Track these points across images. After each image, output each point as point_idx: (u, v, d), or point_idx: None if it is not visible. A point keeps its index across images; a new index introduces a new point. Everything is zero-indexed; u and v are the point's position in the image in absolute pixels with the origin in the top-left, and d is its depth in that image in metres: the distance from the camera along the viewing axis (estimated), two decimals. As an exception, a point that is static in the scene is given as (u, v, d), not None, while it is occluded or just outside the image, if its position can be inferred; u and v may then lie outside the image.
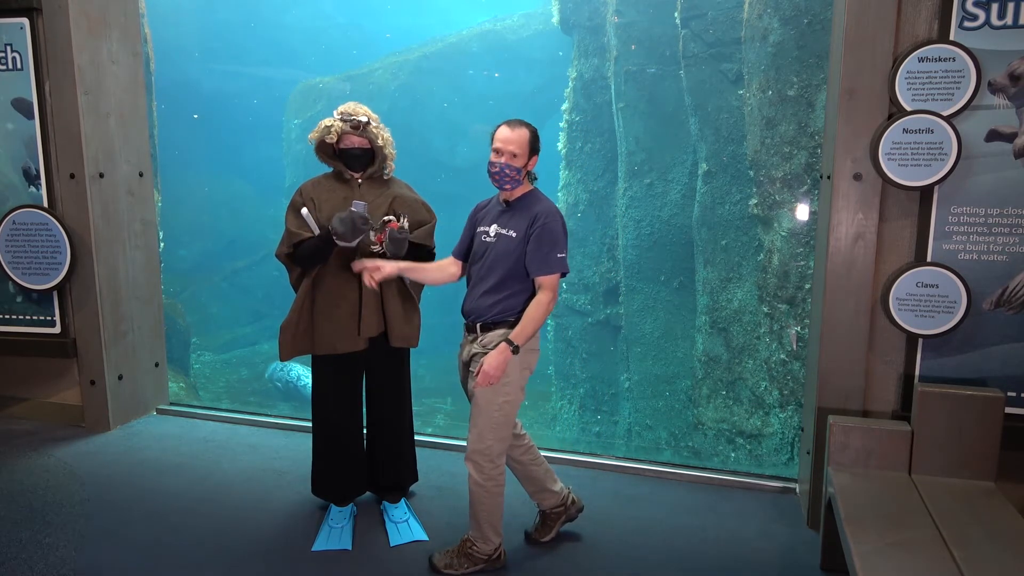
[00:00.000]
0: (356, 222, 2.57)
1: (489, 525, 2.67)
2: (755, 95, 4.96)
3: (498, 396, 2.55)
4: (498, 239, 2.57)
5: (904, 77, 2.65)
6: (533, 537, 2.91)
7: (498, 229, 2.58)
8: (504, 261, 2.53)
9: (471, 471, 2.63)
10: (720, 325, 5.47)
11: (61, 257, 3.83)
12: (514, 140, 2.47)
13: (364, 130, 2.80)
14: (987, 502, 2.43)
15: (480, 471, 2.62)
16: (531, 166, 2.55)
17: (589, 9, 6.56)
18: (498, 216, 2.61)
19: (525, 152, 2.49)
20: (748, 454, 5.26)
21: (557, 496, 2.91)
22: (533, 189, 2.62)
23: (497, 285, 2.55)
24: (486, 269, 2.58)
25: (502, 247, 2.54)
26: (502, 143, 2.47)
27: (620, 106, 6.15)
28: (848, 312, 2.85)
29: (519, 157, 2.48)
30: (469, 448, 2.63)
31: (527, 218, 2.52)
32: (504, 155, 2.47)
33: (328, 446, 3.01)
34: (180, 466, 3.60)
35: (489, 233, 2.60)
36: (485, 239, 2.62)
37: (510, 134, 2.48)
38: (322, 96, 9.60)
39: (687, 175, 5.95)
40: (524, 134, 2.49)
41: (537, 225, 2.49)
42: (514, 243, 2.52)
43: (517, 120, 2.53)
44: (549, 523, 2.93)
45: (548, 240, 2.48)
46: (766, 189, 4.95)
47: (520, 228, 2.52)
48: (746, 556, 2.82)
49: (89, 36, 3.79)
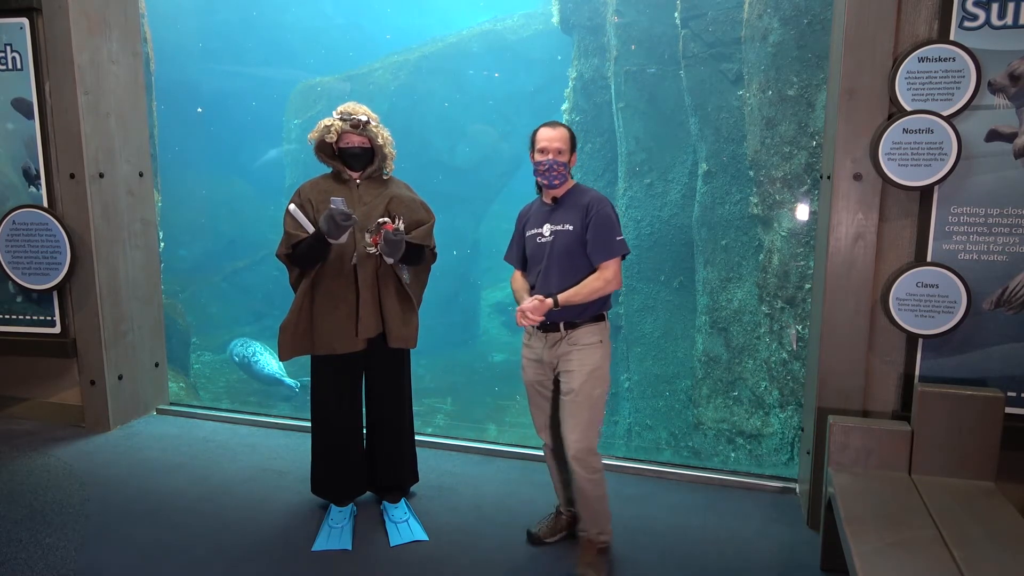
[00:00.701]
0: (336, 218, 2.57)
1: (606, 514, 2.68)
2: (755, 95, 4.96)
3: (596, 389, 2.59)
4: (555, 236, 2.61)
5: (904, 77, 2.65)
6: (538, 536, 2.89)
7: (552, 227, 2.62)
8: (568, 256, 2.59)
9: (579, 470, 2.59)
10: (720, 325, 5.47)
11: (61, 257, 3.84)
12: (558, 137, 2.58)
13: (364, 129, 2.80)
14: (987, 502, 2.43)
15: (588, 467, 2.60)
16: (573, 163, 2.65)
17: (589, 9, 6.56)
18: (548, 215, 2.66)
19: (568, 148, 2.60)
20: (748, 454, 5.26)
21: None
22: (577, 183, 2.70)
23: (566, 282, 2.58)
24: (551, 268, 2.61)
25: (562, 242, 2.59)
26: (547, 141, 2.57)
27: (620, 106, 6.15)
28: (848, 312, 2.85)
29: (563, 153, 2.58)
30: (574, 449, 2.59)
31: (580, 209, 2.59)
32: (550, 152, 2.56)
33: (328, 446, 3.01)
34: (180, 466, 3.60)
35: (543, 233, 2.64)
36: (540, 240, 2.65)
37: (553, 132, 2.59)
38: (322, 96, 9.60)
39: (687, 175, 5.95)
40: (565, 132, 2.61)
41: (592, 213, 2.56)
42: (574, 236, 2.58)
43: (554, 121, 2.66)
44: (561, 526, 2.92)
45: (605, 225, 2.56)
46: (766, 189, 4.95)
47: (576, 220, 2.58)
48: (746, 556, 2.82)
49: (89, 36, 3.79)
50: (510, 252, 2.85)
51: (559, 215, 2.62)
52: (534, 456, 3.71)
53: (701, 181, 5.62)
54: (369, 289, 2.79)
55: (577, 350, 2.60)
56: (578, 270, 2.58)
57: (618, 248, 2.57)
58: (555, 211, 2.64)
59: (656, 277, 6.11)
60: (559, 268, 2.59)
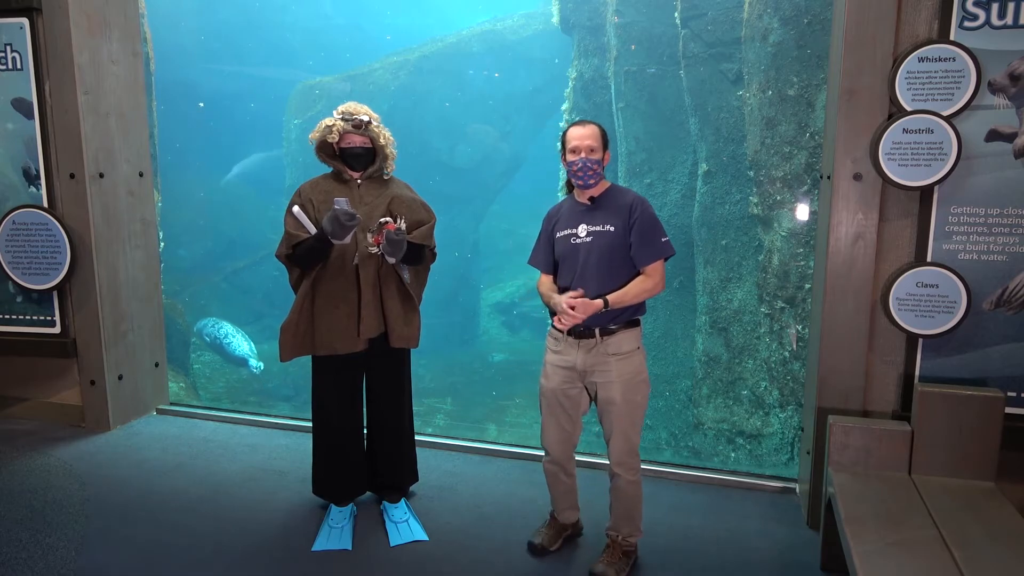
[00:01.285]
0: (340, 219, 2.56)
1: (640, 514, 2.68)
2: (755, 95, 4.96)
3: (638, 395, 2.56)
4: (594, 237, 2.52)
5: (904, 77, 2.65)
6: (542, 546, 2.83)
7: (589, 227, 2.54)
8: (609, 258, 2.51)
9: (623, 474, 2.59)
10: (720, 325, 5.46)
11: (61, 257, 3.84)
12: (588, 135, 2.51)
13: (366, 129, 2.80)
14: (987, 502, 2.43)
15: (631, 470, 2.59)
16: (606, 160, 2.58)
17: (589, 9, 6.56)
18: (583, 215, 2.58)
19: (600, 145, 2.53)
20: (748, 454, 5.26)
21: (577, 512, 2.91)
22: (612, 183, 2.65)
23: (606, 284, 2.51)
24: (588, 269, 2.53)
25: (602, 243, 2.51)
26: (578, 140, 2.51)
27: (620, 106, 6.15)
28: (848, 312, 2.85)
29: (596, 151, 2.51)
30: (616, 457, 2.58)
31: (622, 209, 2.53)
32: (582, 151, 2.50)
33: (328, 447, 3.01)
34: (180, 466, 3.60)
35: (578, 234, 2.56)
36: (574, 241, 2.56)
37: (584, 130, 2.52)
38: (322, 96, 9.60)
39: (687, 175, 5.95)
40: (596, 129, 2.55)
41: (636, 214, 2.51)
42: (616, 237, 2.50)
43: (583, 119, 2.61)
44: (557, 534, 2.89)
45: (650, 226, 2.51)
46: (766, 189, 4.95)
47: (617, 221, 2.51)
48: (746, 556, 2.82)
49: (89, 36, 3.79)
50: (536, 255, 2.75)
51: (598, 216, 2.54)
52: (534, 456, 3.71)
53: (701, 181, 5.62)
54: (371, 289, 2.79)
55: (616, 360, 2.52)
56: (618, 272, 2.51)
57: (665, 249, 2.52)
58: (592, 211, 2.57)
59: (656, 277, 6.10)
60: (598, 270, 2.51)
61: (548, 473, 2.81)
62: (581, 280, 2.54)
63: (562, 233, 2.62)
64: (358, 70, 9.68)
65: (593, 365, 2.56)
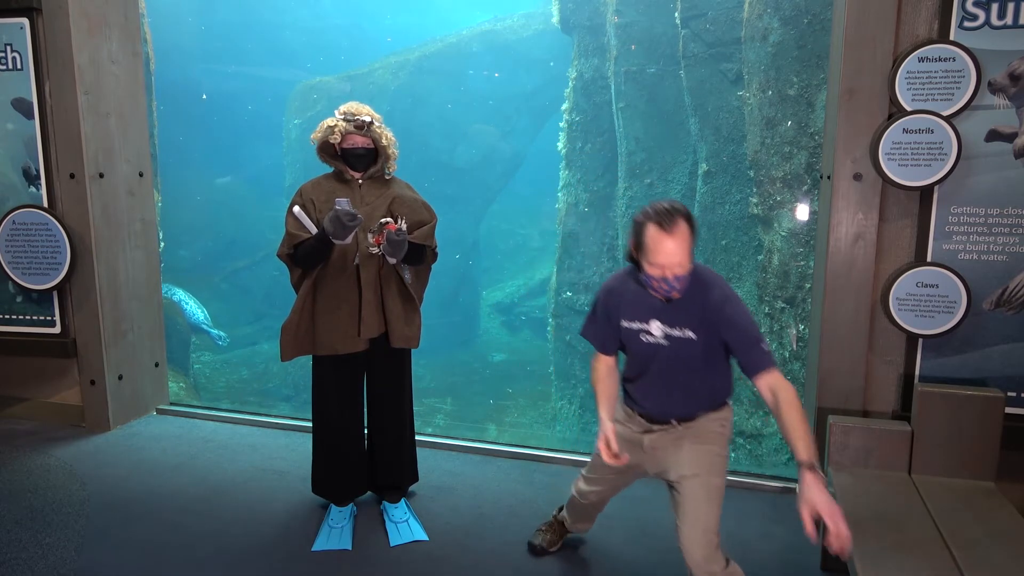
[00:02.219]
0: (342, 219, 2.56)
1: None
2: (755, 95, 4.96)
3: (715, 478, 2.20)
4: (672, 343, 2.15)
5: (904, 77, 2.65)
6: (543, 547, 2.81)
7: (665, 328, 2.15)
8: (691, 366, 2.15)
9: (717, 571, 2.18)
10: (720, 325, 5.46)
11: (61, 257, 3.84)
12: (678, 251, 1.98)
13: (368, 130, 2.80)
14: (987, 502, 2.43)
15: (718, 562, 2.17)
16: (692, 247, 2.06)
17: (589, 9, 6.56)
18: (657, 310, 2.16)
19: (690, 252, 2.02)
20: (748, 454, 5.26)
21: (592, 524, 2.85)
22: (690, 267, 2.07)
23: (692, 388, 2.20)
24: (666, 376, 2.20)
25: (682, 353, 2.14)
26: (666, 257, 1.98)
27: (620, 106, 6.15)
28: (848, 312, 2.85)
29: (685, 265, 2.01)
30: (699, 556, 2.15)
31: (697, 307, 2.11)
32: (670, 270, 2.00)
33: (328, 447, 3.01)
34: (180, 466, 3.60)
35: (651, 333, 2.17)
36: (648, 339, 2.18)
37: (673, 245, 1.97)
38: (322, 96, 9.60)
39: (687, 175, 5.95)
40: (685, 233, 2.00)
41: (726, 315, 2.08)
42: (698, 346, 2.12)
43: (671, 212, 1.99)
44: (558, 536, 2.85)
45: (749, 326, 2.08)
46: (766, 189, 4.95)
47: (694, 323, 2.12)
48: (746, 556, 2.82)
49: (89, 36, 3.79)
50: (592, 331, 2.34)
51: (674, 314, 2.14)
52: (534, 456, 3.71)
53: (701, 181, 5.62)
54: (372, 289, 2.79)
55: (692, 435, 2.22)
56: (706, 377, 2.18)
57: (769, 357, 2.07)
58: (668, 309, 2.15)
59: (656, 277, 6.10)
60: (679, 377, 2.17)
61: (576, 505, 2.66)
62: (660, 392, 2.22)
63: (630, 325, 2.21)
64: (358, 70, 9.69)
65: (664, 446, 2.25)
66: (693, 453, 2.21)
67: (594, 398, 2.31)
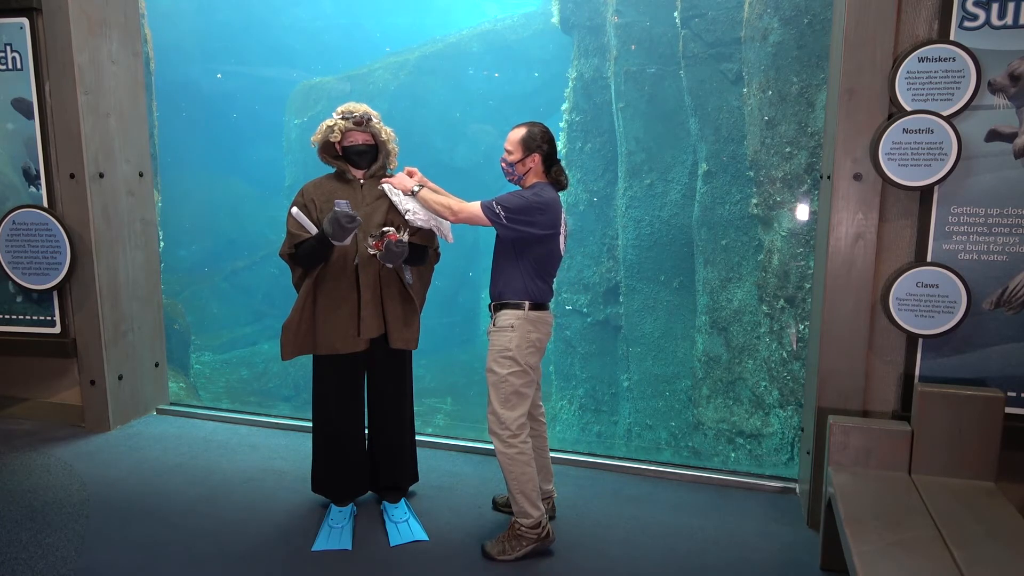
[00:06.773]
0: (341, 220, 2.56)
1: (523, 496, 2.71)
2: (755, 95, 4.96)
3: (503, 368, 2.71)
4: None
5: (904, 77, 2.65)
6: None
7: None
8: (498, 242, 2.77)
9: (495, 443, 2.75)
10: (720, 325, 5.47)
11: (61, 257, 3.84)
12: (508, 139, 2.75)
13: (367, 125, 2.81)
14: (987, 502, 2.43)
15: (499, 439, 2.72)
16: (529, 163, 2.72)
17: (589, 9, 6.57)
18: None
19: (518, 149, 2.72)
20: (748, 454, 5.26)
21: (543, 496, 2.94)
22: (537, 183, 2.74)
23: (495, 267, 2.79)
24: None
25: None
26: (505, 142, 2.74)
27: (620, 106, 6.15)
28: (848, 312, 2.85)
29: (513, 154, 2.73)
30: (488, 421, 2.77)
31: None
32: (504, 153, 2.75)
33: (328, 446, 3.01)
34: (180, 466, 3.60)
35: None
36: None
37: (509, 134, 2.75)
38: (322, 96, 9.60)
39: (687, 175, 5.95)
40: (517, 132, 2.74)
41: None
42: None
43: (523, 123, 2.79)
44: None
45: (505, 195, 2.68)
46: (766, 189, 4.95)
47: None
48: (746, 556, 2.82)
49: (89, 36, 3.79)
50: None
51: None
52: (534, 456, 3.71)
53: (701, 181, 5.62)
54: (371, 290, 2.80)
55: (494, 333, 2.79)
56: (500, 257, 2.78)
57: (489, 204, 2.61)
58: None
59: (656, 277, 6.11)
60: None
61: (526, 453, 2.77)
62: None
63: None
64: (358, 70, 9.69)
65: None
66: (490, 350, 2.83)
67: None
